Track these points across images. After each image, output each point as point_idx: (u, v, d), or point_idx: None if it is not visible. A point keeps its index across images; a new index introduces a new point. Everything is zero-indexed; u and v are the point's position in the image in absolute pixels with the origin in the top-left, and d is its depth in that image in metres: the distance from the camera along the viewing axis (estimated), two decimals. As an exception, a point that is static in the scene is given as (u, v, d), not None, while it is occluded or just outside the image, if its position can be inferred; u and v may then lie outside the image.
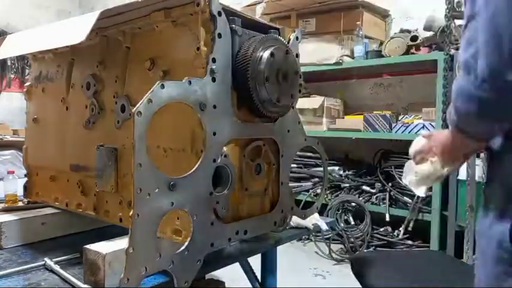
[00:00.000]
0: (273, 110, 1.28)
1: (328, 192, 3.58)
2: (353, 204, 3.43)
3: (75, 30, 1.13)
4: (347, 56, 3.53)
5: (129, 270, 0.93)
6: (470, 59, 0.82)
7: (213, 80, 1.12)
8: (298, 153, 1.42)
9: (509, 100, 0.80)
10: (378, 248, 3.20)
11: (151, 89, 0.97)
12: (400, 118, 3.33)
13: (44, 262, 1.21)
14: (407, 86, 3.74)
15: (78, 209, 1.49)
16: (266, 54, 1.20)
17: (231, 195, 1.21)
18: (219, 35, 1.14)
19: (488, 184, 1.01)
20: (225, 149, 1.18)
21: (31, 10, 6.31)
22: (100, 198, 1.40)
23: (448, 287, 1.18)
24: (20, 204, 1.71)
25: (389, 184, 3.35)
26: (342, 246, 3.35)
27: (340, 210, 3.47)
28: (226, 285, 2.03)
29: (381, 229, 3.31)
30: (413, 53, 3.27)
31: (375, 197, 3.40)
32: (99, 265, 1.04)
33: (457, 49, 2.79)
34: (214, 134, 1.13)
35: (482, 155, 2.25)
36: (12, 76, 6.08)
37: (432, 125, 3.01)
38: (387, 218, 3.23)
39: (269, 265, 1.72)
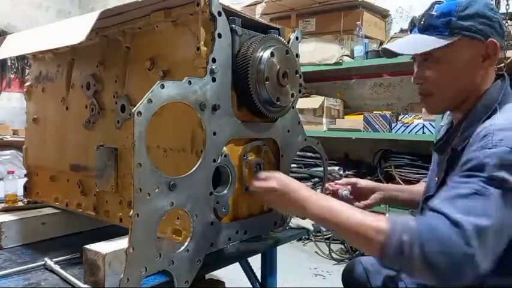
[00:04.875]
0: (273, 110, 1.28)
1: (328, 192, 3.57)
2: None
3: (75, 30, 1.13)
4: (347, 56, 3.52)
5: (129, 270, 0.93)
6: (470, 227, 0.84)
7: (213, 80, 1.12)
8: (298, 153, 1.42)
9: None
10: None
11: (151, 89, 0.97)
12: (400, 118, 3.33)
13: (44, 262, 1.21)
14: (407, 86, 3.74)
15: (78, 209, 1.49)
16: (266, 54, 1.20)
17: (231, 195, 1.21)
18: (219, 35, 1.14)
19: None
20: (225, 149, 1.18)
21: (31, 10, 6.31)
22: (100, 198, 1.40)
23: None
24: (20, 204, 1.71)
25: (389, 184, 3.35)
26: (342, 246, 3.35)
27: (340, 210, 3.46)
28: (226, 285, 2.03)
29: (381, 229, 3.31)
30: (413, 53, 3.27)
31: (375, 196, 3.39)
32: (99, 265, 1.04)
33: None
34: (214, 134, 1.13)
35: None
36: (12, 76, 6.07)
37: (432, 125, 3.01)
38: (387, 218, 3.22)
39: (269, 265, 1.71)
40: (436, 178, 1.21)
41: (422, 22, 1.13)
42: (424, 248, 0.83)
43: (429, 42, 1.10)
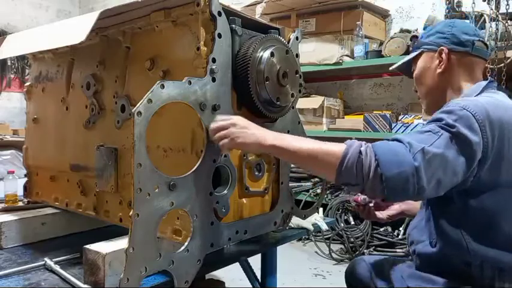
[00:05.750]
0: (273, 110, 1.28)
1: (328, 192, 3.58)
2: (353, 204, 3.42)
3: (75, 30, 1.13)
4: (347, 56, 3.53)
5: (129, 270, 0.93)
6: (419, 148, 0.99)
7: (213, 80, 1.12)
8: (298, 153, 1.41)
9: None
10: (378, 248, 3.20)
11: (151, 89, 0.97)
12: (400, 118, 3.33)
13: (44, 262, 1.21)
14: (407, 86, 3.74)
15: (78, 209, 1.49)
16: (266, 54, 1.20)
17: (231, 195, 1.21)
18: (219, 35, 1.14)
19: None
20: (225, 149, 1.18)
21: (31, 10, 6.31)
22: (100, 198, 1.40)
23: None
24: (20, 204, 1.71)
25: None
26: (342, 246, 3.35)
27: (340, 210, 3.46)
28: (226, 285, 2.03)
29: (381, 229, 3.31)
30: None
31: (375, 196, 3.39)
32: (99, 265, 1.04)
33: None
34: (214, 134, 1.12)
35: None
36: (12, 76, 6.08)
37: (432, 125, 3.01)
38: (387, 218, 3.22)
39: (269, 265, 1.71)
40: None
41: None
42: (378, 157, 0.98)
43: (403, 60, 1.43)
